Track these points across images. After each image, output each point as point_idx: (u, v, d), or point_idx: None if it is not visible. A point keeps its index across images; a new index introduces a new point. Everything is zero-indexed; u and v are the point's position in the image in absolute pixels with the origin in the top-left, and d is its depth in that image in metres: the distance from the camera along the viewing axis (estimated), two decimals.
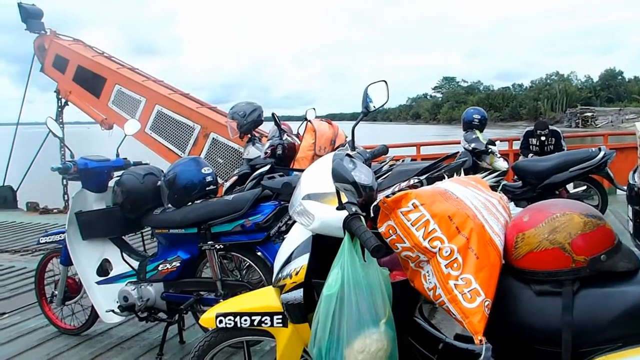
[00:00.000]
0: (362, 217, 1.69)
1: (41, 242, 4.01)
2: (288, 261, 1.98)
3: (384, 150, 2.88)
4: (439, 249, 1.64)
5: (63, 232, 3.79)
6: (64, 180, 10.34)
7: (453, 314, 1.62)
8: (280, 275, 1.98)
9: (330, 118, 5.08)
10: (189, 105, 8.47)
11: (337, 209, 1.72)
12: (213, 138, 7.98)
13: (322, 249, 1.92)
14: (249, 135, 5.26)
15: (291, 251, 1.98)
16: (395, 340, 1.73)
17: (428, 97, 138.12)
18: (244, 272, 3.66)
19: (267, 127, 5.85)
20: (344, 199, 1.73)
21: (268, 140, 5.00)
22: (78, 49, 9.90)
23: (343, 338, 1.68)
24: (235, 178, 4.95)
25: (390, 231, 1.70)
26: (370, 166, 2.45)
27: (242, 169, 5.06)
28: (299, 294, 1.89)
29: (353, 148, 2.66)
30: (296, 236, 2.00)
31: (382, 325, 1.69)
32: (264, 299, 2.14)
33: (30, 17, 10.33)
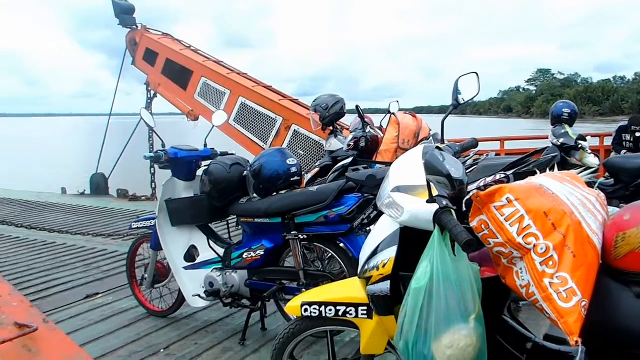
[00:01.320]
0: (452, 211, 1.67)
1: (133, 227, 4.20)
2: (374, 253, 1.97)
3: (474, 143, 2.82)
4: (534, 245, 1.59)
5: (153, 219, 3.95)
6: (152, 169, 10.79)
7: (547, 313, 1.57)
8: (366, 267, 1.98)
9: (418, 111, 5.02)
10: (271, 97, 8.59)
11: (428, 201, 1.71)
12: (294, 130, 8.06)
13: (409, 242, 1.91)
14: (331, 128, 5.29)
15: (378, 243, 1.97)
16: (484, 337, 1.70)
17: (521, 90, 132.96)
18: (326, 262, 3.69)
19: (349, 120, 5.86)
20: (435, 192, 1.71)
21: (351, 132, 5.01)
22: (167, 43, 10.25)
23: (431, 332, 1.66)
24: (317, 170, 4.99)
25: (483, 226, 1.67)
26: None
27: (324, 161, 5.09)
28: (385, 286, 1.88)
29: (443, 141, 2.62)
30: (383, 228, 1.99)
31: (472, 321, 1.66)
32: (349, 289, 2.15)
33: (123, 12, 10.79)
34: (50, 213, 9.41)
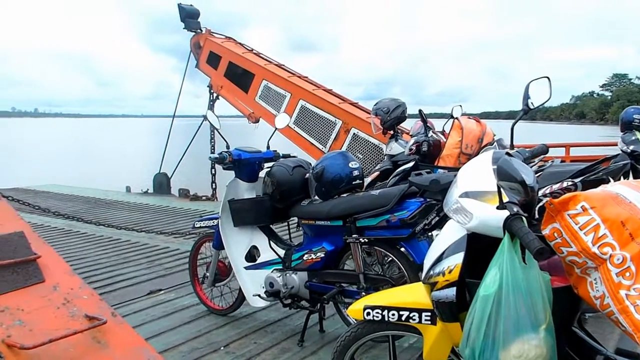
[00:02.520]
0: (523, 218, 1.64)
1: (196, 226, 4.30)
2: (440, 259, 1.95)
3: (544, 149, 2.74)
4: (610, 255, 1.54)
5: (216, 218, 4.03)
6: (213, 170, 11.01)
7: (623, 326, 1.51)
8: (431, 273, 1.96)
9: (485, 116, 4.95)
10: (331, 100, 8.62)
11: (498, 208, 1.68)
12: (354, 133, 8.07)
13: (476, 248, 1.88)
14: (392, 132, 5.26)
15: (444, 249, 1.95)
16: (554, 348, 1.66)
17: (595, 95, 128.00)
18: (386, 267, 3.68)
19: (409, 124, 5.82)
20: (505, 199, 1.68)
21: (412, 136, 4.97)
22: (230, 46, 10.44)
23: (499, 341, 1.63)
24: (377, 174, 4.98)
25: (555, 234, 1.63)
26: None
27: (384, 165, 5.07)
28: (451, 292, 1.86)
29: (512, 147, 2.57)
30: (449, 234, 1.97)
31: (542, 331, 1.62)
32: (413, 294, 2.14)
33: (188, 16, 11.07)
34: (116, 210, 9.75)
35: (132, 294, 4.83)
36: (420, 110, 4.97)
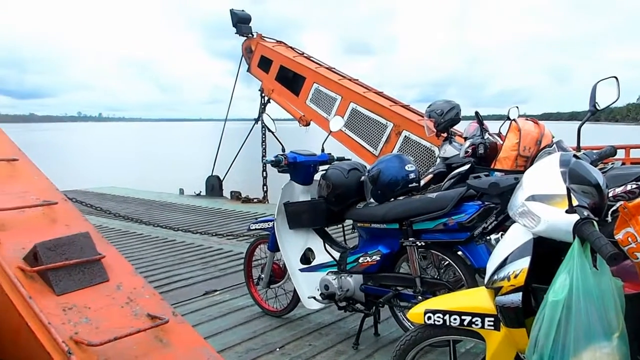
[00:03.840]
0: (594, 222, 1.59)
1: (251, 228, 4.35)
2: (504, 263, 1.92)
3: (612, 151, 2.67)
4: None
5: (271, 220, 4.07)
6: (264, 173, 11.13)
7: None
8: (495, 277, 1.93)
9: (546, 117, 4.86)
10: (382, 103, 8.59)
11: (567, 211, 1.64)
12: (405, 136, 8.01)
13: (541, 253, 1.84)
14: (446, 134, 5.20)
15: (508, 253, 1.91)
16: (628, 357, 1.60)
17: None
18: (442, 270, 3.64)
19: (462, 127, 5.74)
20: (574, 202, 1.64)
21: (467, 139, 4.90)
22: (281, 50, 10.53)
23: (569, 347, 1.59)
24: (430, 176, 4.92)
25: (630, 239, 1.58)
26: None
27: (438, 168, 5.02)
28: (517, 297, 1.82)
29: (579, 149, 2.50)
30: (513, 238, 1.94)
31: (615, 339, 1.57)
32: (475, 299, 2.10)
33: (240, 21, 11.23)
34: (169, 212, 9.96)
35: (188, 294, 4.92)
36: (476, 112, 4.90)
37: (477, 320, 2.04)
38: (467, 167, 4.29)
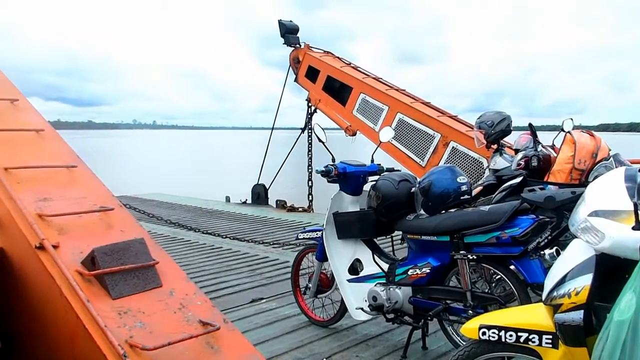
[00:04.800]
0: None
1: (299, 237, 4.36)
2: (563, 279, 1.87)
3: None
4: None
5: (319, 230, 4.08)
6: (310, 182, 11.17)
7: None
8: (555, 294, 1.88)
9: (603, 128, 4.73)
10: (429, 113, 8.53)
11: (634, 228, 1.59)
12: (453, 147, 7.93)
13: (603, 270, 1.79)
14: (496, 146, 5.11)
15: (568, 269, 1.87)
16: None
17: None
18: (493, 285, 3.57)
19: (512, 138, 5.63)
20: None
21: (519, 151, 4.80)
22: (328, 60, 10.59)
23: None
24: (480, 188, 4.85)
25: None
26: None
27: (488, 180, 4.94)
28: (578, 315, 1.78)
29: None
30: (575, 253, 1.89)
31: None
32: (532, 315, 2.06)
33: (288, 32, 11.35)
34: (216, 220, 10.09)
35: (235, 302, 4.96)
36: (530, 124, 4.80)
37: (534, 338, 1.99)
38: (519, 179, 4.21)
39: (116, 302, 2.26)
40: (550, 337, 1.94)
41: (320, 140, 4.18)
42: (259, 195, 12.38)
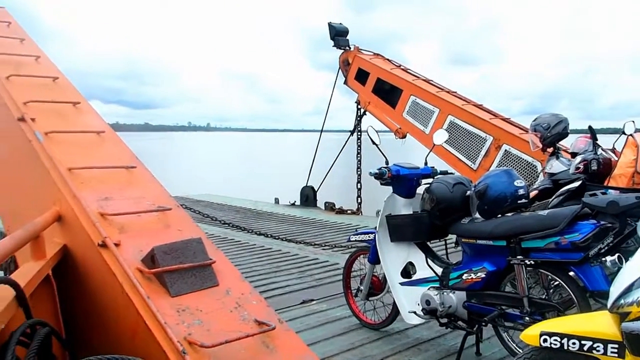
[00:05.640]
0: None
1: (351, 240, 4.36)
2: (631, 287, 1.81)
3: None
4: None
5: (371, 233, 4.07)
6: (359, 184, 11.15)
7: None
8: (622, 302, 1.82)
9: None
10: (481, 116, 8.40)
11: None
12: (505, 150, 7.78)
13: None
14: (552, 149, 4.99)
15: (637, 276, 1.80)
16: None
17: None
18: (551, 291, 3.47)
19: (568, 142, 5.49)
20: None
21: (577, 154, 4.68)
22: (378, 63, 10.55)
23: None
24: (535, 192, 4.73)
25: None
26: None
27: (544, 183, 4.82)
28: None
29: None
30: None
31: None
32: (596, 323, 2.00)
33: (338, 34, 11.37)
34: (265, 221, 10.18)
35: (286, 302, 4.98)
36: (590, 127, 4.67)
37: (598, 346, 1.94)
38: (577, 183, 4.09)
39: (175, 300, 2.30)
40: (617, 346, 1.88)
41: (373, 143, 4.16)
42: (308, 197, 12.43)
